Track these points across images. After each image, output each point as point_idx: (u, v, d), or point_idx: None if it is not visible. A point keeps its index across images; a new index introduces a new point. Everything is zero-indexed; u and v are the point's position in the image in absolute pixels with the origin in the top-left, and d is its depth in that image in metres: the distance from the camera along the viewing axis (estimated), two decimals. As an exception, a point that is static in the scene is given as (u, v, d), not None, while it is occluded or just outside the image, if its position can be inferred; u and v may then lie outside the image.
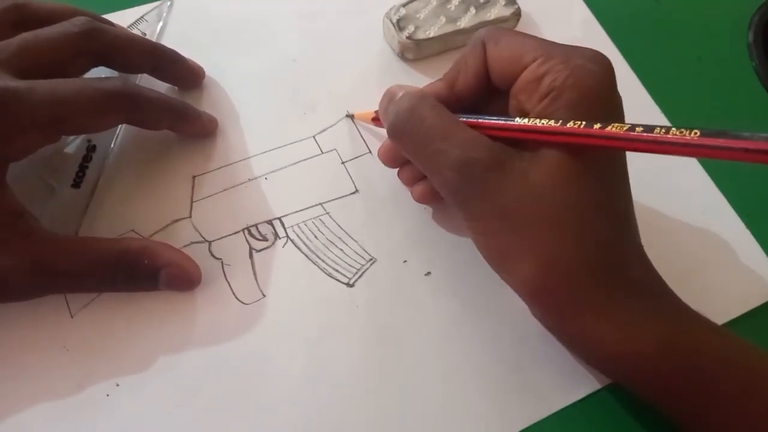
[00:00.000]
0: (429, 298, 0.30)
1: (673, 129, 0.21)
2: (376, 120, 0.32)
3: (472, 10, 0.35)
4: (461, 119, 0.26)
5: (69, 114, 0.25)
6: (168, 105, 0.30)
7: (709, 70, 0.38)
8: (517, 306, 0.29)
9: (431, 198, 0.30)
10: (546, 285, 0.24)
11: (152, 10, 0.35)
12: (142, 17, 0.35)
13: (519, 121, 0.25)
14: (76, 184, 0.30)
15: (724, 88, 0.38)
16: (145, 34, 0.34)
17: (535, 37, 0.26)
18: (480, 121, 0.26)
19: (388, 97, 0.29)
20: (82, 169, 0.31)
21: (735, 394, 0.24)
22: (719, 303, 0.30)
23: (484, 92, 0.28)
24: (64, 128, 0.26)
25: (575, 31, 0.38)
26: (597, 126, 0.23)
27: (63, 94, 0.25)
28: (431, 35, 0.35)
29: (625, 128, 0.22)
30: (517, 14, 0.36)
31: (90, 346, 0.28)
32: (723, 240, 0.32)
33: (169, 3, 0.36)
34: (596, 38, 0.38)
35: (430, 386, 0.28)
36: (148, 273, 0.28)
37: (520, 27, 0.37)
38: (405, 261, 0.31)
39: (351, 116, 0.34)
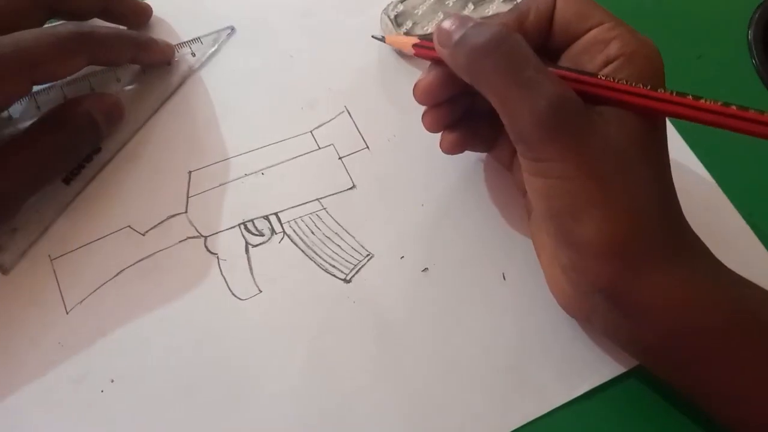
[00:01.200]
0: (426, 294, 0.30)
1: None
2: (419, 47, 0.29)
3: (470, 6, 0.35)
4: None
5: (36, 61, 0.27)
6: (125, 37, 0.31)
7: (709, 68, 0.38)
8: (516, 301, 0.29)
9: (462, 146, 0.30)
10: (619, 235, 0.24)
11: (211, 33, 0.35)
12: (198, 38, 0.35)
13: (613, 79, 0.25)
14: (67, 180, 0.30)
15: (725, 86, 0.38)
16: (194, 55, 0.34)
17: (602, 6, 0.27)
18: (567, 72, 0.25)
19: (458, 22, 0.26)
20: (80, 167, 0.31)
21: None
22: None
23: (540, 44, 0.27)
24: (34, 76, 0.28)
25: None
26: (690, 97, 0.24)
27: (27, 42, 0.27)
28: (429, 31, 0.34)
29: (720, 103, 0.24)
30: (516, 10, 0.36)
31: (85, 342, 0.28)
32: (724, 236, 0.32)
33: (229, 31, 0.36)
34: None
35: (428, 382, 0.28)
36: (86, 120, 0.29)
37: (519, 24, 0.37)
38: (402, 257, 0.30)
39: (381, 39, 0.31)
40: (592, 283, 0.25)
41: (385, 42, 0.32)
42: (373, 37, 0.31)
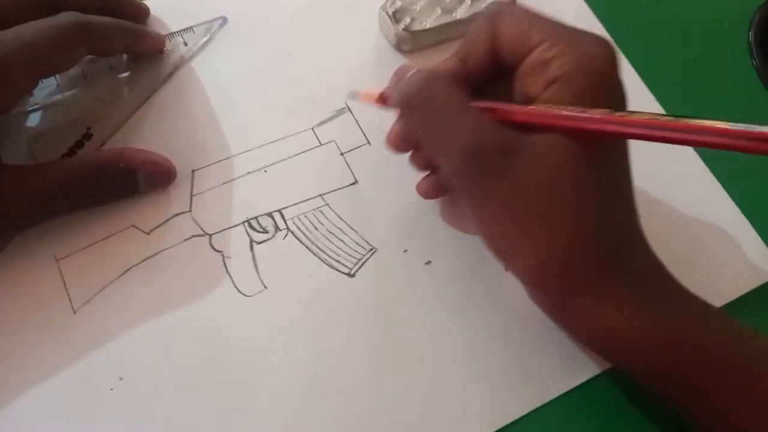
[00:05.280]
0: (429, 287, 0.30)
1: (698, 119, 0.21)
2: (381, 100, 0.30)
3: (468, 1, 0.35)
4: (472, 104, 0.26)
5: (39, 54, 0.27)
6: (121, 26, 0.31)
7: (709, 69, 0.38)
8: (517, 293, 0.30)
9: (437, 192, 0.30)
10: (548, 272, 0.24)
11: (203, 23, 0.36)
12: (190, 27, 0.35)
13: (539, 106, 0.24)
14: None
15: (725, 86, 0.37)
16: (186, 44, 0.35)
17: (544, 17, 0.26)
18: (493, 105, 0.25)
19: (401, 73, 0.28)
20: (71, 152, 0.31)
21: (732, 380, 0.24)
22: (717, 286, 0.31)
23: (496, 70, 0.27)
24: (39, 70, 0.28)
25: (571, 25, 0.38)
26: (618, 114, 0.22)
27: (29, 37, 0.27)
28: (427, 26, 0.35)
29: (646, 116, 0.22)
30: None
31: (93, 341, 0.28)
32: (719, 225, 0.33)
33: (221, 21, 0.36)
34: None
35: (431, 374, 0.28)
36: (125, 176, 0.29)
37: (516, 18, 0.37)
38: (405, 250, 0.31)
39: (354, 94, 0.32)
40: (530, 297, 0.27)
41: (356, 97, 0.32)
42: (348, 96, 0.33)
